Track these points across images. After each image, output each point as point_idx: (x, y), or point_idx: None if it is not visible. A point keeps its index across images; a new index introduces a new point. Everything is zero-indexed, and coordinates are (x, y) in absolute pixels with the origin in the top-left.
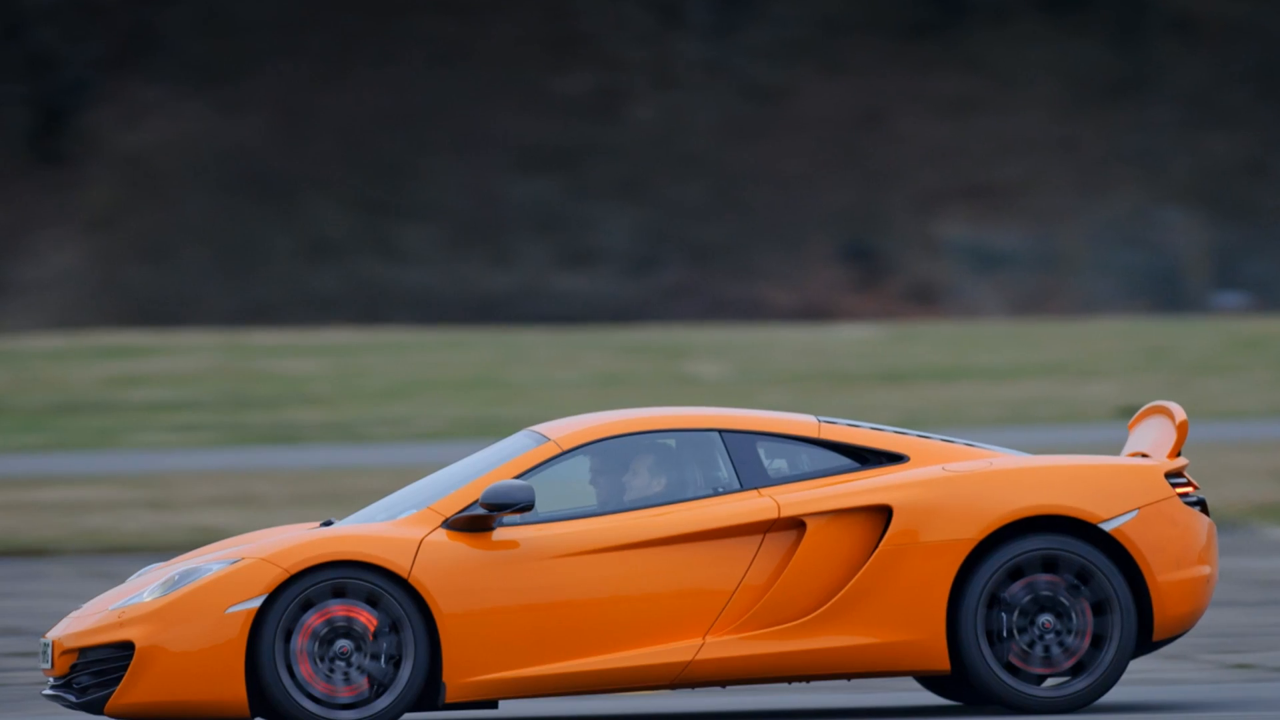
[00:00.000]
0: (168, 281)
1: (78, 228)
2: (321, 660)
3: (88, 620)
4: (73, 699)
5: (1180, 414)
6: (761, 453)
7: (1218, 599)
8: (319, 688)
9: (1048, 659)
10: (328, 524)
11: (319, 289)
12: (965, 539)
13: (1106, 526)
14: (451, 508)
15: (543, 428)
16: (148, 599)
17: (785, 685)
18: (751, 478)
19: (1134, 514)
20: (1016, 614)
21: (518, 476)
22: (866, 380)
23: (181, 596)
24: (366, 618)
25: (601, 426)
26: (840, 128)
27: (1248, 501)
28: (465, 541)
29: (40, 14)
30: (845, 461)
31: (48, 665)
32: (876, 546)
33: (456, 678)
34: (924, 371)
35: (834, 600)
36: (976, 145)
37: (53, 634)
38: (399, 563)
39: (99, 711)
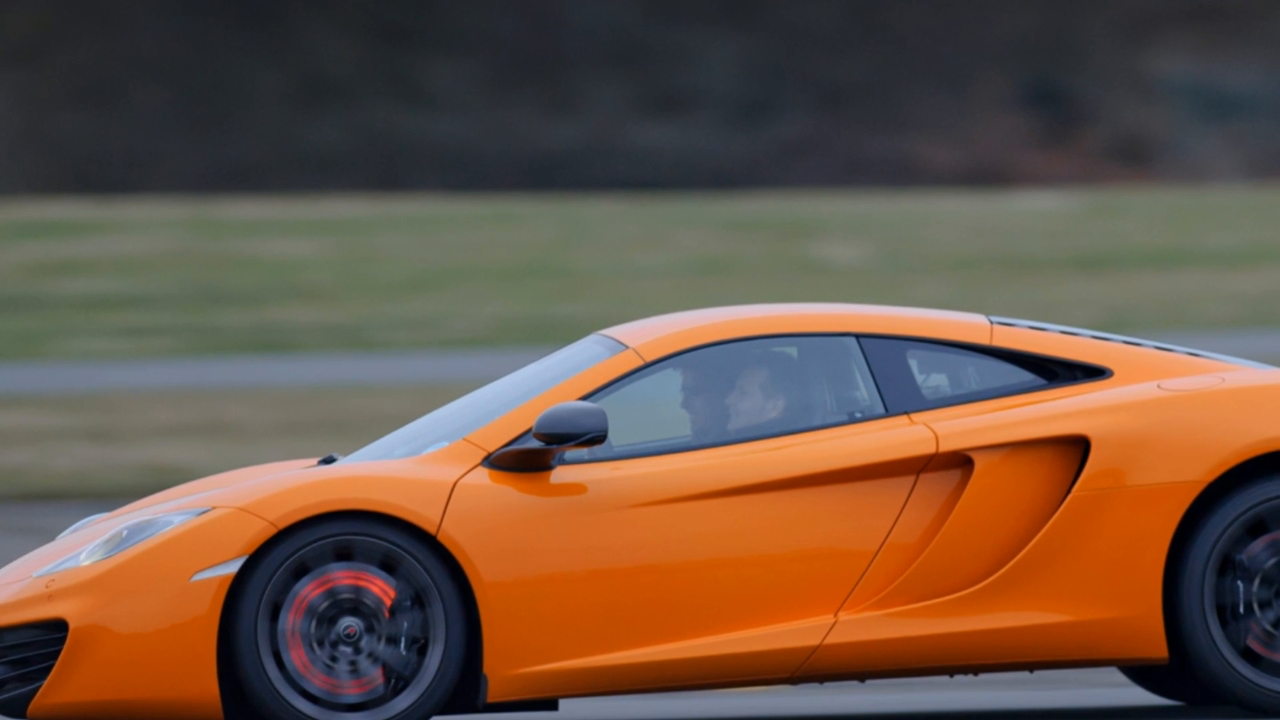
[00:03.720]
0: (114, 134)
1: None
2: (321, 645)
3: (6, 591)
4: None
5: None
6: (914, 365)
7: None
8: (317, 682)
9: None
10: (328, 461)
11: (316, 144)
12: (1189, 481)
13: None
14: (496, 439)
15: (618, 332)
16: (86, 563)
17: (944, 679)
18: (900, 399)
19: None
20: (1258, 582)
21: (585, 397)
22: (1055, 266)
23: (131, 559)
24: (381, 588)
25: (697, 330)
26: None
27: None
28: (514, 485)
29: None
30: (1026, 377)
31: None
32: (1068, 492)
33: (502, 668)
34: (1132, 255)
35: (1011, 565)
36: None
37: None
38: (425, 514)
39: (20, 714)
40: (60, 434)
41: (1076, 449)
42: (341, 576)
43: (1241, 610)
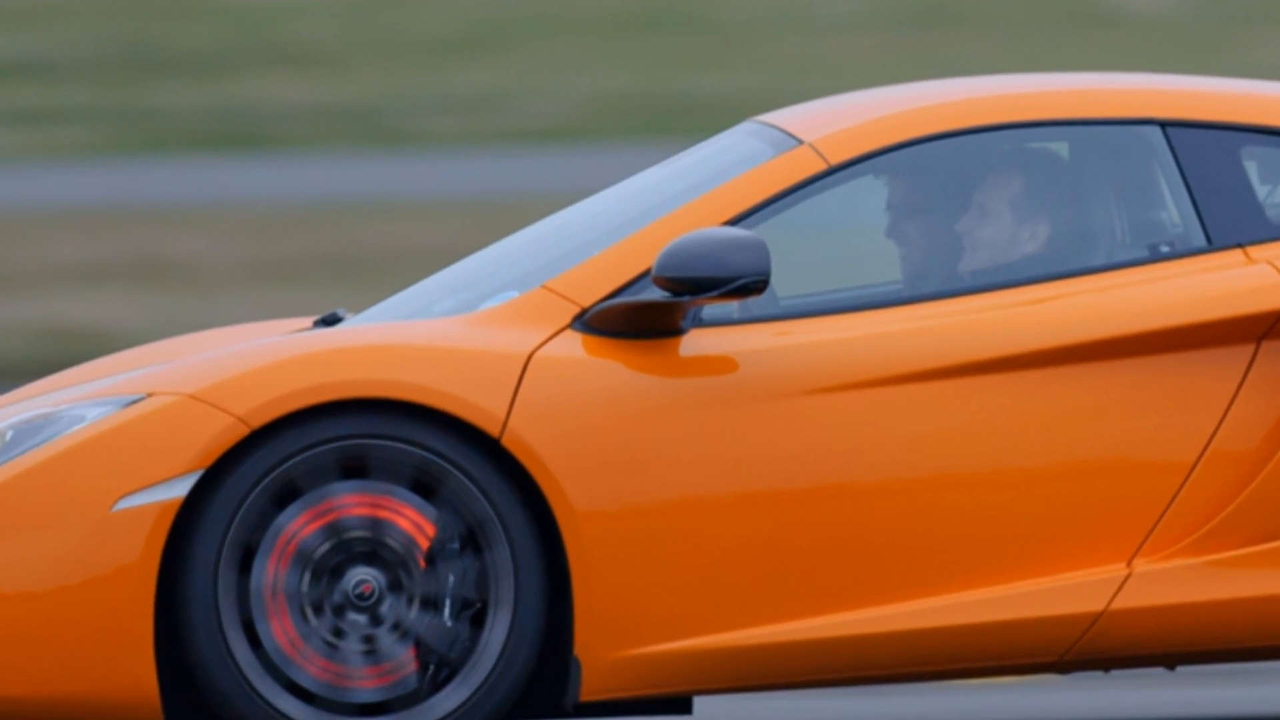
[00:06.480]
0: None
1: None
2: (318, 612)
3: None
4: None
5: None
6: (1252, 170)
7: None
8: (312, 670)
9: None
10: (329, 322)
11: None
12: None
13: None
14: (593, 288)
15: (784, 119)
16: None
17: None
18: (1230, 223)
19: None
20: None
21: (733, 220)
22: None
23: (19, 477)
24: (413, 521)
25: (909, 117)
26: None
27: None
28: (622, 360)
29: None
30: None
31: None
32: None
33: (603, 648)
34: None
35: None
36: None
37: None
38: (482, 404)
39: None
40: None
41: None
42: (351, 504)
43: None
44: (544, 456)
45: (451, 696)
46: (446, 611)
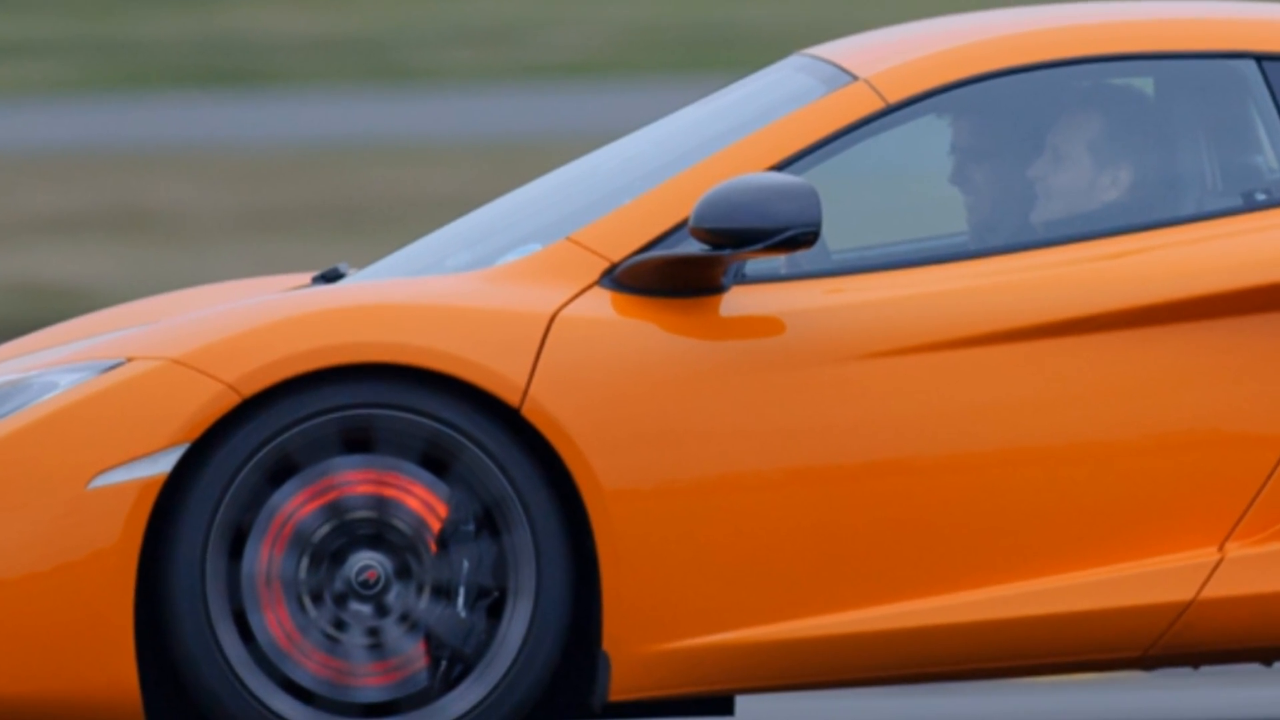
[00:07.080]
0: None
1: None
2: (318, 601)
3: None
4: None
5: None
6: None
7: None
8: (311, 666)
9: None
10: (330, 279)
11: None
12: None
13: None
14: (624, 240)
15: (835, 53)
16: None
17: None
18: None
19: None
20: None
21: (780, 165)
22: None
23: None
24: (423, 500)
25: (975, 50)
26: None
27: None
28: (656, 320)
29: None
30: None
31: None
32: None
33: (635, 642)
34: None
35: None
36: None
37: None
38: (500, 370)
39: None
40: None
41: None
42: (354, 481)
43: None
44: (569, 428)
45: (466, 695)
46: (460, 601)
